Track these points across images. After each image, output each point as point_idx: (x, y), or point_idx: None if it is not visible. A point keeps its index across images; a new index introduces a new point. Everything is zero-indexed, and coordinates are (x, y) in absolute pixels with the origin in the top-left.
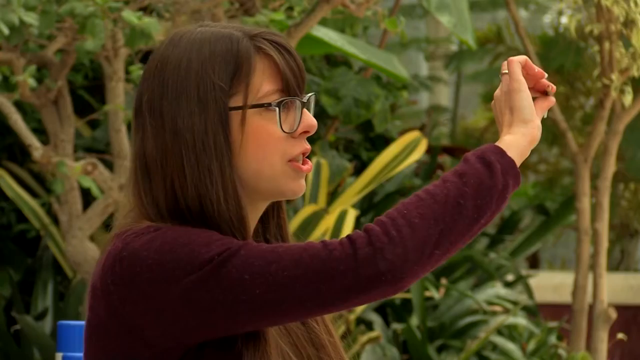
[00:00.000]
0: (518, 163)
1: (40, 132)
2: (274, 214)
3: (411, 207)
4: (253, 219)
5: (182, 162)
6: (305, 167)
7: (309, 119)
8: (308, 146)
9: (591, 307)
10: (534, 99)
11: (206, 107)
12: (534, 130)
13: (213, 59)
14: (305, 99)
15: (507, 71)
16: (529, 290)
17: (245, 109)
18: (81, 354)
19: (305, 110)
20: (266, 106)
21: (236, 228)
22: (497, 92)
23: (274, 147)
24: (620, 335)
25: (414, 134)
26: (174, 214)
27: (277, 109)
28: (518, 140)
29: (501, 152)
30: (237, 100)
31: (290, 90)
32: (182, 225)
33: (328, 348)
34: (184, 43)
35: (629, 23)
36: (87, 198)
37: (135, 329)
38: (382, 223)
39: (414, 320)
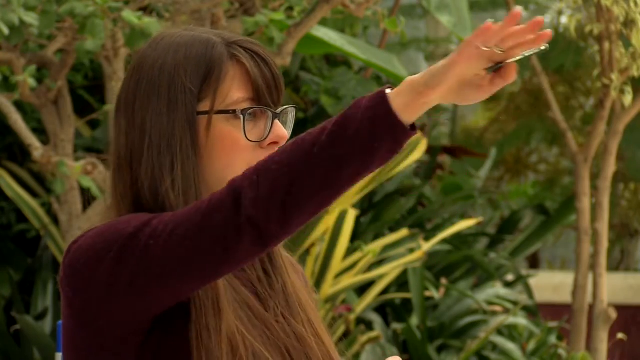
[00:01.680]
0: (403, 109)
1: (40, 132)
2: None
3: (281, 150)
4: None
5: (147, 160)
6: None
7: (279, 130)
8: None
9: (591, 307)
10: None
11: (175, 108)
12: (419, 84)
13: (187, 62)
14: (278, 111)
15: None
16: (529, 290)
17: (211, 113)
18: None
19: (277, 121)
20: (231, 113)
21: None
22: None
23: (239, 155)
24: (620, 335)
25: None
26: (139, 210)
27: (242, 116)
28: (404, 90)
29: (381, 97)
30: (205, 105)
31: (261, 99)
32: None
33: (310, 342)
34: (163, 45)
35: (629, 23)
36: (87, 198)
37: (88, 319)
38: (257, 165)
39: (414, 320)
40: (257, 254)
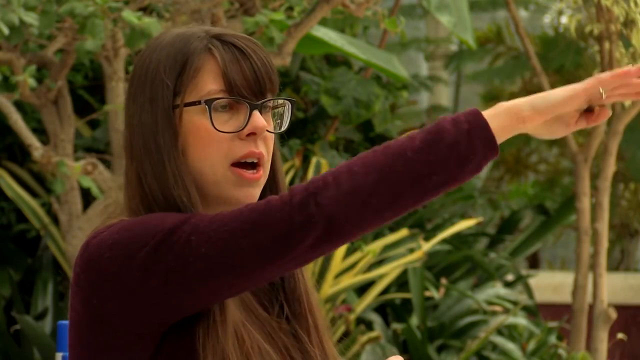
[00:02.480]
0: (498, 132)
1: (40, 132)
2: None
3: (360, 156)
4: None
5: (143, 157)
6: (249, 175)
7: (257, 121)
8: (257, 149)
9: (591, 307)
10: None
11: (156, 105)
12: (522, 109)
13: (167, 58)
14: (258, 102)
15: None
16: (529, 290)
17: (180, 106)
18: None
19: (255, 112)
20: (197, 104)
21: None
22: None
23: (215, 147)
24: (620, 335)
25: None
26: (147, 208)
27: (207, 107)
28: (505, 112)
29: (476, 114)
30: (180, 99)
31: (234, 91)
32: None
33: (307, 343)
34: (154, 45)
35: (629, 23)
36: (87, 198)
37: (105, 316)
38: (326, 172)
39: (414, 320)
40: (317, 253)
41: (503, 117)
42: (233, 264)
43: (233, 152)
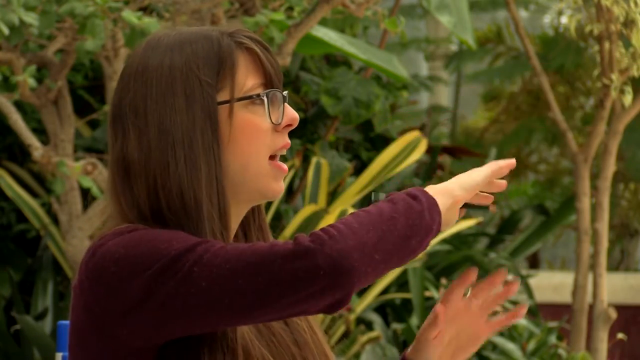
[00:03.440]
0: (441, 208)
1: (40, 132)
2: (255, 217)
3: (348, 218)
4: (235, 222)
5: (167, 159)
6: (285, 167)
7: (292, 112)
8: (288, 140)
9: (591, 307)
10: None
11: (193, 103)
12: (454, 189)
13: (196, 57)
14: (285, 95)
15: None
16: (529, 290)
17: (232, 102)
18: None
19: (286, 104)
20: (255, 97)
21: (217, 225)
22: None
23: (262, 141)
24: (620, 335)
25: (414, 134)
26: (155, 214)
27: (265, 99)
28: (442, 192)
29: (424, 191)
30: (223, 95)
31: (273, 83)
32: (161, 227)
33: (310, 345)
34: (164, 45)
35: (629, 23)
36: (87, 198)
37: (106, 326)
38: (324, 228)
39: (414, 320)
40: (320, 303)
41: (444, 198)
42: (231, 302)
43: (274, 144)
